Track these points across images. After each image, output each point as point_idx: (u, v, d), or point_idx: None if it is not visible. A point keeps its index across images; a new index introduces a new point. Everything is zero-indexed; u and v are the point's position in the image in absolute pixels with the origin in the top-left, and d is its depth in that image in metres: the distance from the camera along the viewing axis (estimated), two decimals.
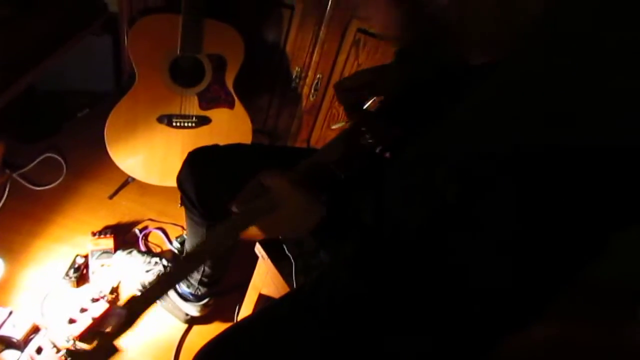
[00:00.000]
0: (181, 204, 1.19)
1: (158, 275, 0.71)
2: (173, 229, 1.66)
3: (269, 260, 1.10)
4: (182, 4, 1.32)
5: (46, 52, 0.93)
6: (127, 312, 0.61)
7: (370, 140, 0.74)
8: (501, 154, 0.49)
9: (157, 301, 0.69)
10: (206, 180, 1.02)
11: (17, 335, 1.28)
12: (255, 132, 1.78)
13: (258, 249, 1.13)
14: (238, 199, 0.74)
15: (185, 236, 1.51)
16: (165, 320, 1.44)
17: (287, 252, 1.08)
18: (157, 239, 1.64)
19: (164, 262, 1.47)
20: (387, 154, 0.74)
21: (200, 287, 1.32)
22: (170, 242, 1.62)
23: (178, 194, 1.49)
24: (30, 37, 0.97)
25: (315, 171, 0.76)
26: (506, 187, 0.49)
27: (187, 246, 1.27)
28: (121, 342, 1.37)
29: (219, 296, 1.45)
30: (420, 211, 0.60)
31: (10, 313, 1.31)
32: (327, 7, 1.51)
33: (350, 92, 0.89)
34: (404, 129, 0.74)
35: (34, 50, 0.93)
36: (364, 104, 0.89)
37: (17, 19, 1.00)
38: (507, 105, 0.51)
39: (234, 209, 0.73)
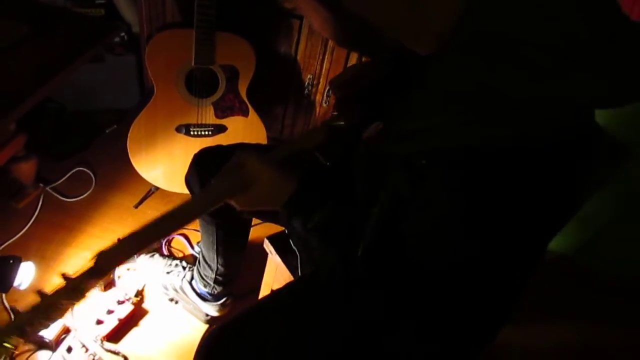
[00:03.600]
0: None
1: (132, 232, 0.75)
2: (195, 235, 1.73)
3: (276, 255, 1.14)
4: (194, 18, 1.40)
5: (61, 66, 1.01)
6: (94, 261, 0.65)
7: (341, 123, 0.77)
8: (435, 150, 0.54)
9: (128, 258, 0.72)
10: (211, 172, 1.06)
11: (50, 335, 1.35)
12: (273, 140, 1.84)
13: (266, 244, 1.17)
14: (217, 176, 0.79)
15: None
16: (186, 322, 1.50)
17: (293, 246, 1.12)
18: (179, 244, 1.71)
19: (184, 263, 1.54)
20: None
21: (216, 285, 1.37)
22: (192, 247, 1.69)
23: None
24: (46, 52, 1.06)
25: (296, 156, 0.80)
26: (449, 175, 0.53)
27: (202, 246, 1.32)
28: (144, 343, 1.43)
29: (237, 299, 1.50)
30: (380, 198, 0.65)
31: None
32: None
33: (341, 86, 0.93)
34: (373, 114, 0.77)
35: (50, 64, 1.01)
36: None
37: (35, 36, 1.09)
38: (436, 104, 0.55)
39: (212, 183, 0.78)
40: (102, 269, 0.66)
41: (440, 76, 0.56)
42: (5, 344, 0.58)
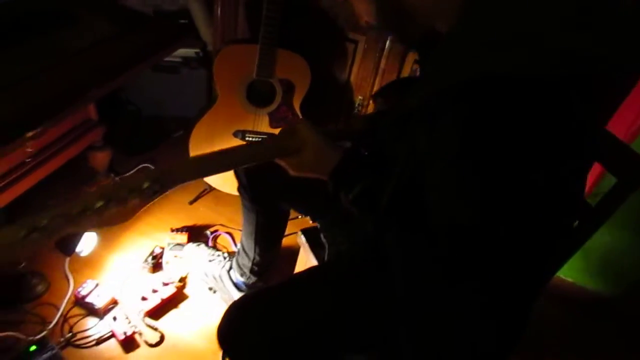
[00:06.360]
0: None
1: (193, 157, 0.81)
2: (239, 235, 1.85)
3: (307, 245, 1.23)
4: (259, 35, 1.57)
5: (136, 62, 1.20)
6: (159, 172, 0.71)
7: (381, 104, 0.87)
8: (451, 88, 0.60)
9: (186, 181, 0.75)
10: (255, 169, 1.19)
11: (99, 304, 1.50)
12: None
13: (299, 237, 1.27)
14: (274, 136, 0.90)
15: None
16: (221, 310, 1.59)
17: (322, 239, 1.21)
18: (224, 241, 1.84)
19: (226, 254, 1.66)
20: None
21: (251, 275, 1.47)
22: (236, 245, 1.81)
23: None
24: (127, 49, 1.26)
25: (342, 137, 0.91)
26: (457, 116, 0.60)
27: (243, 234, 1.44)
28: (181, 324, 1.55)
29: None
30: (401, 154, 0.73)
31: (97, 285, 1.55)
32: (386, 40, 1.69)
33: (383, 97, 1.04)
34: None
35: (127, 60, 1.20)
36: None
37: (120, 36, 1.30)
38: (453, 52, 0.63)
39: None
40: (165, 182, 0.72)
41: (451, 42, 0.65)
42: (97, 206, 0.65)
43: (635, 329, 1.79)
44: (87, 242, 1.54)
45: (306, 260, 1.29)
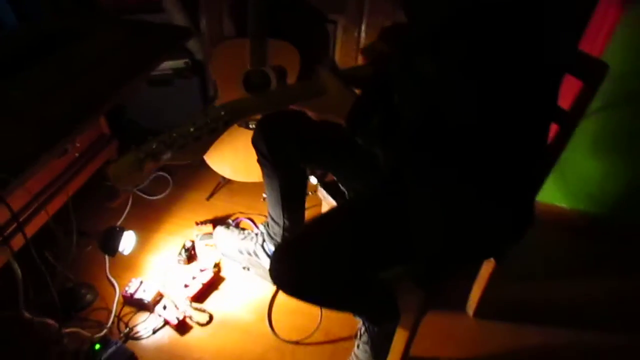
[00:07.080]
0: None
1: (240, 99, 0.96)
2: (259, 218, 1.99)
3: (328, 197, 1.37)
4: (248, 30, 1.71)
5: (141, 68, 1.33)
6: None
7: (384, 48, 1.03)
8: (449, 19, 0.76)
9: (227, 123, 0.91)
10: (273, 132, 1.32)
11: (148, 297, 1.62)
12: None
13: (319, 191, 1.41)
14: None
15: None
16: (258, 284, 1.74)
17: (341, 188, 1.36)
18: (246, 225, 1.97)
19: (256, 231, 1.79)
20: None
21: None
22: (257, 227, 1.94)
23: (261, 191, 1.89)
24: (131, 56, 1.39)
25: (352, 82, 1.06)
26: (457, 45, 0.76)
27: (269, 205, 1.57)
28: (225, 302, 1.67)
29: None
30: (409, 83, 0.88)
31: (141, 282, 1.67)
32: (362, 16, 1.84)
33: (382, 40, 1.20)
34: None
35: (132, 67, 1.33)
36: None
37: (126, 45, 1.44)
38: None
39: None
40: (234, 112, 0.90)
41: None
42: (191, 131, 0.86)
43: (629, 247, 1.92)
44: (128, 242, 1.66)
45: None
